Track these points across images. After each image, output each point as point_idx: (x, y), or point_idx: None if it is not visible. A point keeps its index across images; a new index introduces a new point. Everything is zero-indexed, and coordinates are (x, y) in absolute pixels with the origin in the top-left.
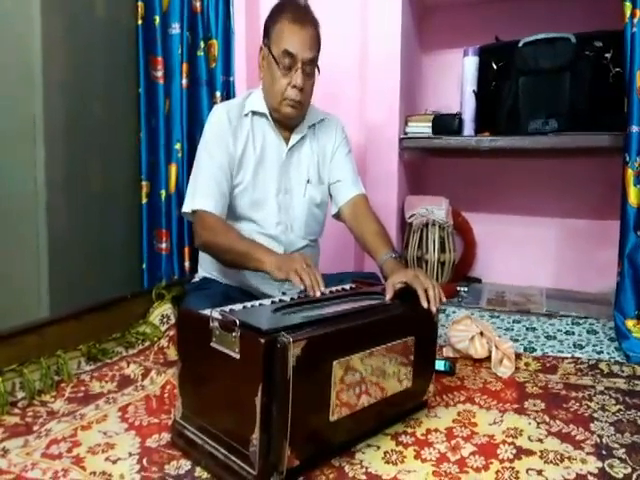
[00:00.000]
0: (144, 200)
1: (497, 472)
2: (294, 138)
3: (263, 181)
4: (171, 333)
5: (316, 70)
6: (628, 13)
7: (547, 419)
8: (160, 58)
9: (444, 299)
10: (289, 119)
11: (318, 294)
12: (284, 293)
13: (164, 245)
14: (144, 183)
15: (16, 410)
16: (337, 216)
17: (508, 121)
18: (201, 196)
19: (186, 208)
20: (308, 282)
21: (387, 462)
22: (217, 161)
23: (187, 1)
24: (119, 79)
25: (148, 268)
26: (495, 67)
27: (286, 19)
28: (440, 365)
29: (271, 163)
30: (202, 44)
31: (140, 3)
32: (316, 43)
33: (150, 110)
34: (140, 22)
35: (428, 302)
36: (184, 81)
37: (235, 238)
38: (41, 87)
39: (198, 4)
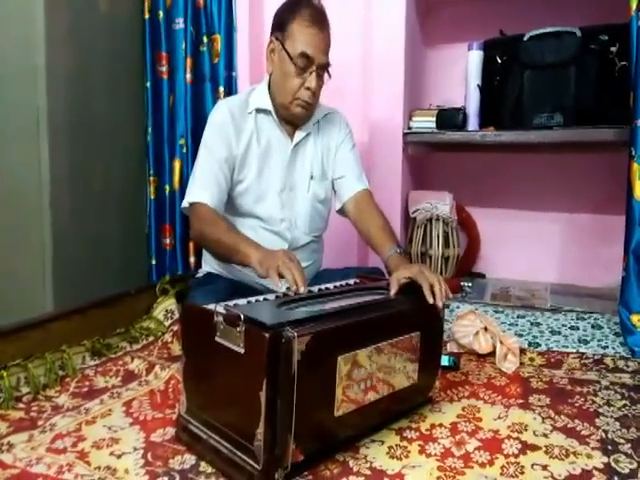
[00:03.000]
0: (152, 195)
1: (502, 467)
2: (299, 135)
3: (267, 178)
4: (175, 328)
5: (326, 75)
6: (634, 6)
7: (552, 414)
8: (164, 53)
9: (450, 295)
10: (297, 119)
11: (302, 290)
12: (288, 288)
13: (168, 240)
14: (152, 178)
15: (21, 405)
16: (341, 211)
17: (513, 115)
18: (197, 189)
19: (184, 203)
20: (290, 278)
21: (392, 457)
22: (215, 156)
23: None
24: (123, 75)
25: (157, 264)
26: (500, 61)
27: (304, 19)
28: (444, 360)
29: (276, 160)
30: (205, 39)
31: None
32: (329, 47)
33: (155, 105)
34: (147, 16)
35: (434, 297)
36: (188, 76)
37: (223, 230)
38: (45, 83)
39: None
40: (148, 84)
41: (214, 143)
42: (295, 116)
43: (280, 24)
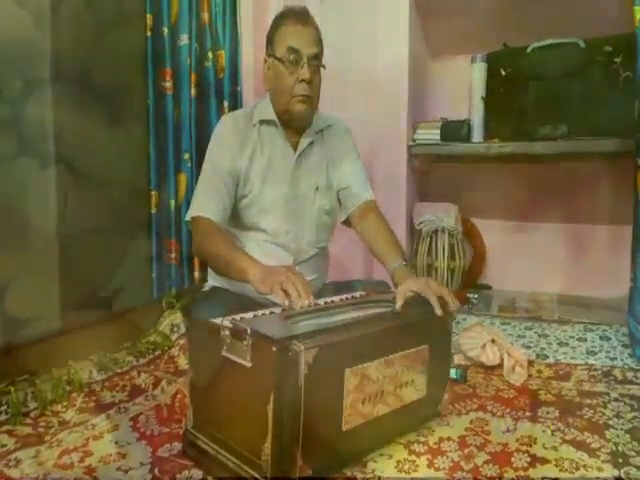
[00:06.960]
0: (153, 210)
1: None
2: (303, 142)
3: (272, 189)
4: (181, 342)
5: (321, 67)
6: (638, 17)
7: (561, 427)
8: (169, 69)
9: (458, 304)
10: (300, 118)
11: (307, 303)
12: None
13: (173, 255)
14: (153, 193)
15: (28, 420)
16: (346, 222)
17: (517, 127)
18: (199, 202)
19: (187, 216)
20: (294, 294)
21: (400, 471)
22: (218, 169)
23: (195, 12)
24: (129, 90)
25: (157, 278)
26: (504, 73)
27: (288, 22)
28: (452, 373)
29: (280, 170)
30: (210, 55)
31: (149, 15)
32: (319, 40)
33: (159, 121)
34: (149, 33)
35: (444, 308)
36: (193, 91)
37: (223, 244)
38: (50, 97)
39: (206, 15)
40: (149, 101)
41: (218, 156)
42: (297, 116)
43: (269, 40)
